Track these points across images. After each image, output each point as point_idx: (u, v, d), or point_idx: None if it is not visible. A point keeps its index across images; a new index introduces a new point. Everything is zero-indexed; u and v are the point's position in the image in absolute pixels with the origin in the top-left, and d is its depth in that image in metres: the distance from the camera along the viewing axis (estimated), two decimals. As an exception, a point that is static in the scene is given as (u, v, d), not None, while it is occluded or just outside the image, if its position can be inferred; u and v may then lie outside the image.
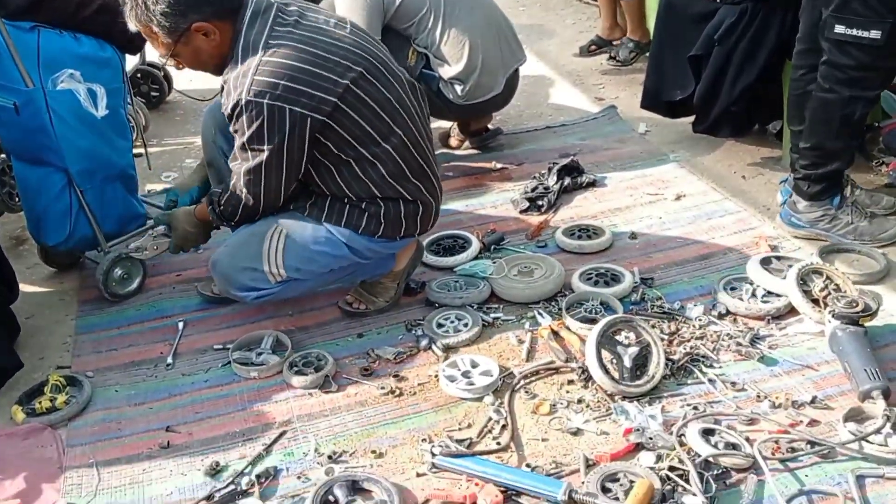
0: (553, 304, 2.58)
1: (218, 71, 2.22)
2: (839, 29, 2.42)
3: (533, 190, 3.26)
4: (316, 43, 2.14)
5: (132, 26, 2.15)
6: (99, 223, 2.71)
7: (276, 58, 2.09)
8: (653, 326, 2.34)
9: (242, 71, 2.10)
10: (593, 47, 4.79)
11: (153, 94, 4.39)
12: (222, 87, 2.19)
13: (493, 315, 2.55)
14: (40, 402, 2.28)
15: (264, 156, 2.17)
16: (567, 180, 3.31)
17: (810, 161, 2.68)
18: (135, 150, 2.86)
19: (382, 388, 2.27)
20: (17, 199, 3.01)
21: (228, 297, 2.53)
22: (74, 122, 2.50)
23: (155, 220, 2.68)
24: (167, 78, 4.42)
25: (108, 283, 2.73)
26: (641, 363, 2.19)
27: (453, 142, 3.80)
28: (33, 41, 2.46)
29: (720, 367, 2.23)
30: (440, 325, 2.50)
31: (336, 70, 2.14)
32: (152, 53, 3.49)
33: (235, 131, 2.17)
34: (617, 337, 2.25)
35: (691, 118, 3.55)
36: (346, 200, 2.33)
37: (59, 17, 2.49)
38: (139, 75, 4.32)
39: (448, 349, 2.41)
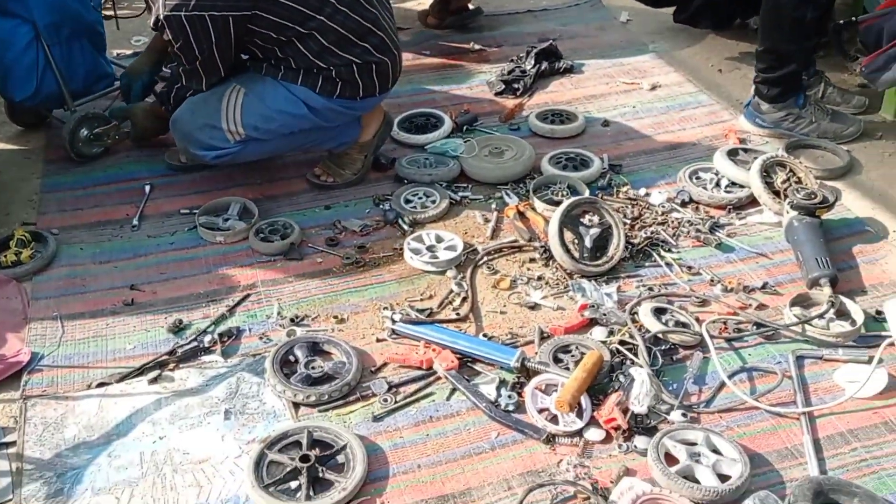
0: (521, 185, 2.58)
1: None
2: None
3: (509, 73, 3.22)
4: None
5: None
6: (66, 80, 2.65)
7: None
8: (617, 210, 2.35)
9: None
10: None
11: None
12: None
13: (461, 194, 2.56)
14: (6, 256, 2.27)
15: (198, 62, 2.18)
16: (544, 65, 3.26)
17: (767, 64, 2.66)
18: (104, 13, 2.79)
19: (347, 258, 2.29)
20: None
21: (191, 159, 2.51)
22: (42, -29, 2.42)
23: (112, 111, 2.67)
24: None
25: (74, 142, 2.69)
26: (602, 244, 2.22)
27: (432, 20, 3.71)
28: None
29: (678, 253, 2.26)
30: (408, 201, 2.50)
31: None
32: None
33: (167, 41, 2.15)
34: (581, 219, 2.26)
35: (673, 8, 3.47)
36: (296, 67, 2.31)
37: None
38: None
39: (415, 224, 2.42)
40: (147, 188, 2.61)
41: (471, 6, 3.69)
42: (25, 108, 2.77)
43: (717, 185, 2.48)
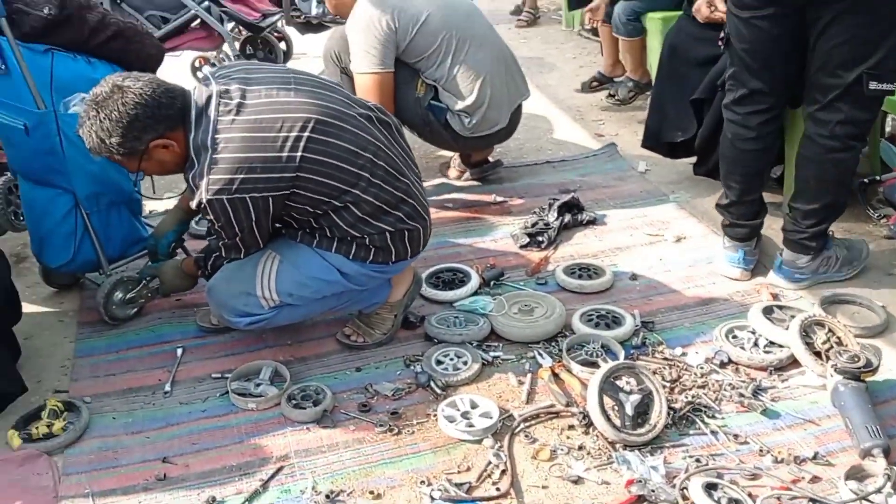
0: (553, 344, 2.54)
1: (182, 170, 2.25)
2: (873, 85, 2.40)
3: (533, 225, 3.24)
4: (262, 122, 2.14)
5: (94, 156, 2.19)
6: (103, 246, 2.69)
7: (226, 153, 2.11)
8: (654, 373, 2.30)
9: (199, 171, 2.13)
10: (595, 83, 4.79)
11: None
12: (187, 182, 2.21)
13: (492, 354, 2.51)
14: (37, 428, 2.23)
15: (238, 238, 2.24)
16: (567, 217, 3.29)
17: (819, 218, 2.64)
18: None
19: (380, 425, 2.23)
20: (21, 219, 2.99)
21: (225, 325, 2.52)
22: (84, 145, 2.46)
23: (142, 271, 2.70)
24: (285, 40, 4.44)
25: (108, 306, 2.70)
26: (643, 411, 2.16)
27: (453, 172, 3.78)
28: (47, 64, 2.44)
29: (723, 419, 2.19)
30: (439, 362, 2.46)
31: (286, 144, 2.14)
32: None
33: (207, 220, 2.20)
34: (619, 383, 2.21)
35: (692, 159, 3.53)
36: (331, 236, 2.34)
37: (74, 42, 2.48)
38: (249, 45, 4.38)
39: (447, 387, 2.37)
40: (179, 351, 2.60)
41: (490, 158, 3.76)
42: (61, 272, 2.81)
43: (756, 344, 2.43)
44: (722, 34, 2.72)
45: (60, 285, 2.95)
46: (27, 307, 2.79)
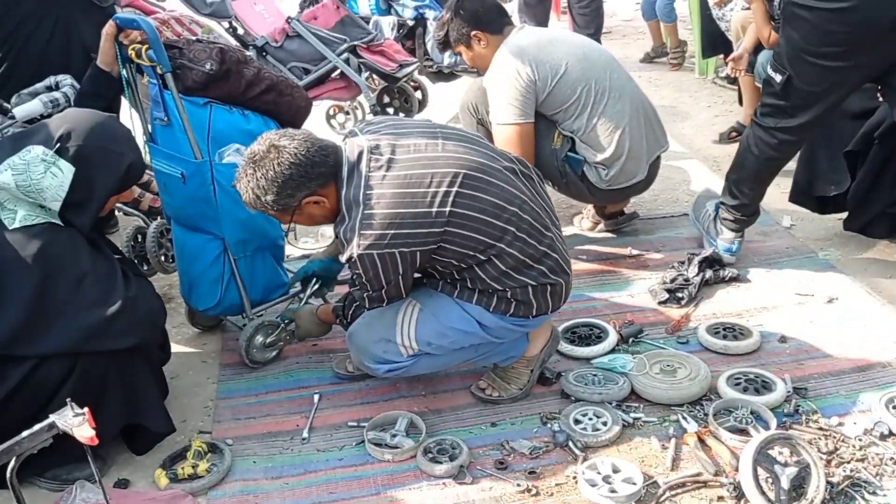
0: (698, 408, 2.46)
1: (331, 222, 2.31)
2: None
3: (672, 281, 3.16)
4: (412, 178, 2.18)
5: (250, 209, 2.27)
6: (247, 291, 2.78)
7: (377, 209, 2.15)
8: (809, 443, 2.18)
9: (350, 226, 2.17)
10: (734, 133, 4.66)
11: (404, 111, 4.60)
12: (337, 236, 2.26)
13: (633, 415, 2.45)
14: (182, 468, 2.30)
15: (383, 291, 2.27)
16: (708, 273, 3.19)
17: None
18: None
19: (518, 485, 2.20)
20: (171, 262, 3.10)
21: (362, 370, 2.56)
22: (236, 194, 2.56)
23: (281, 315, 2.77)
24: (420, 88, 4.64)
25: (249, 349, 2.78)
26: (799, 484, 2.04)
27: (586, 223, 3.74)
28: (205, 116, 2.56)
29: (884, 495, 2.06)
30: (577, 422, 2.42)
31: (436, 199, 2.18)
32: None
33: (355, 273, 2.23)
34: (772, 453, 2.10)
35: (841, 215, 3.38)
36: (473, 287, 2.35)
37: (230, 95, 2.59)
38: (386, 94, 4.55)
39: (586, 448, 2.33)
40: (316, 398, 2.65)
41: (626, 210, 3.70)
42: (206, 315, 2.91)
43: (922, 417, 2.26)
44: (879, 87, 2.62)
45: (204, 326, 3.05)
46: (173, 347, 2.89)
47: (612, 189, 3.35)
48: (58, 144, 2.15)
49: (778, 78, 2.82)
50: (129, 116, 2.78)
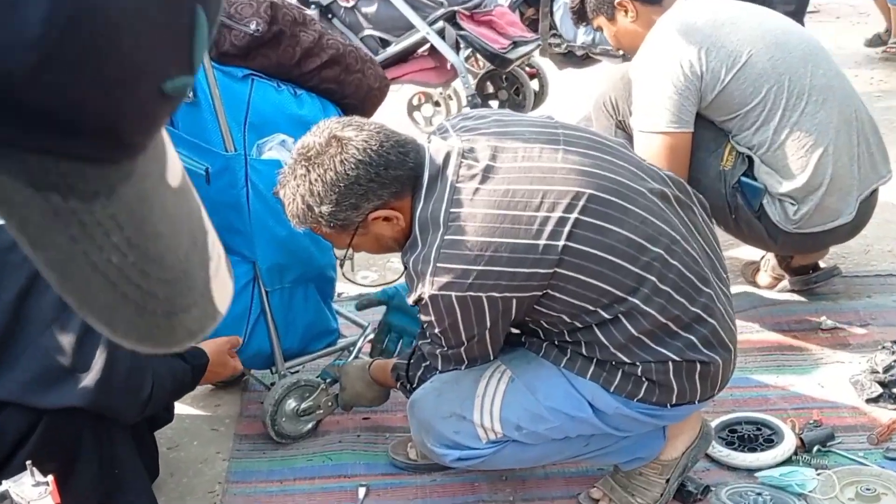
0: (909, 556, 2.36)
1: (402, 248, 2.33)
2: None
3: (885, 370, 3.07)
4: (515, 195, 2.19)
5: (296, 226, 2.31)
6: (280, 336, 2.82)
7: (463, 234, 2.16)
8: None
9: (423, 254, 2.19)
10: None
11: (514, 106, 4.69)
12: (405, 267, 2.30)
13: (814, 557, 2.39)
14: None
15: (462, 348, 2.30)
16: (939, 362, 3.09)
17: None
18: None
19: None
20: None
21: (424, 456, 2.59)
22: (276, 202, 2.57)
23: (322, 373, 2.81)
24: (538, 77, 4.68)
25: (276, 417, 2.81)
26: None
27: (764, 279, 3.71)
28: (244, 93, 2.64)
29: None
30: (733, 560, 2.37)
31: (545, 227, 2.18)
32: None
33: (425, 321, 2.27)
34: None
35: None
36: (589, 355, 2.35)
37: (280, 66, 2.67)
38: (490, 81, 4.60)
39: None
40: (361, 491, 2.67)
41: (822, 264, 3.65)
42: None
43: None
44: None
45: (220, 381, 3.04)
46: (176, 406, 2.89)
47: (803, 233, 3.28)
48: None
49: None
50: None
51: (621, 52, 3.60)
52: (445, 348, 2.32)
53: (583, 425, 2.39)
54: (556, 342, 2.38)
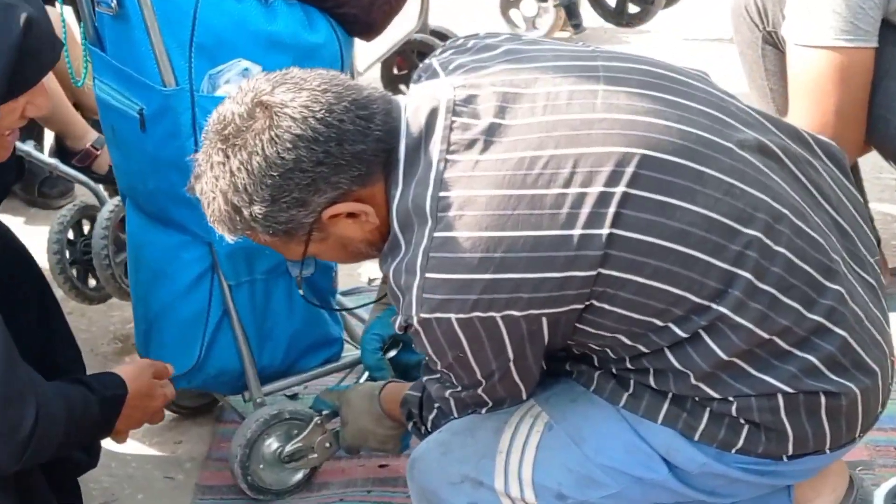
0: None
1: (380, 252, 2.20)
2: None
3: None
4: (532, 166, 1.97)
5: (225, 236, 2.13)
6: (253, 347, 2.67)
7: (458, 230, 1.95)
8: None
9: (407, 262, 1.98)
10: None
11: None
12: (386, 278, 2.14)
13: None
14: None
15: (481, 388, 2.13)
16: None
17: None
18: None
19: None
20: (125, 282, 3.07)
21: None
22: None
23: (315, 401, 2.67)
24: None
25: (250, 464, 2.63)
26: None
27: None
28: (189, 5, 2.44)
29: None
30: None
31: (580, 210, 1.94)
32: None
33: (425, 356, 2.14)
34: None
35: None
36: (660, 388, 2.15)
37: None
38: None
39: None
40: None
41: None
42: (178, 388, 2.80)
43: None
44: None
45: (181, 408, 2.99)
46: (117, 447, 2.77)
47: None
48: None
49: None
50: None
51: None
52: (458, 388, 2.13)
53: (657, 491, 2.19)
54: (613, 371, 2.16)
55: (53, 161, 3.45)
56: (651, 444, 2.12)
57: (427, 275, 1.92)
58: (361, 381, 2.72)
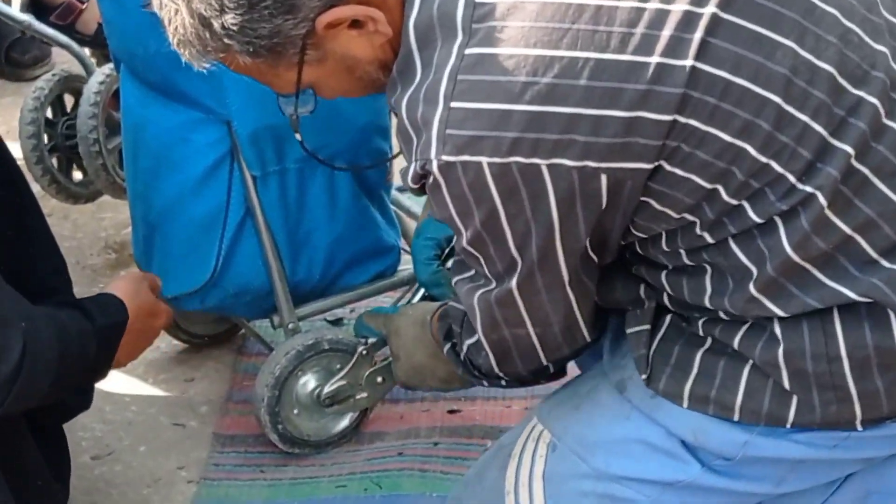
0: None
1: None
2: None
3: None
4: None
5: (193, 63, 1.96)
6: (284, 259, 2.60)
7: (498, 46, 1.77)
8: None
9: (427, 87, 1.82)
10: None
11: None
12: (392, 112, 2.03)
13: None
14: None
15: (514, 278, 1.94)
16: None
17: None
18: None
19: None
20: (119, 175, 3.06)
21: None
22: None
23: (357, 327, 2.62)
24: None
25: (281, 409, 2.58)
26: None
27: None
28: None
29: None
30: None
31: (658, 32, 1.75)
32: None
33: (441, 219, 1.98)
34: None
35: None
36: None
37: None
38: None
39: None
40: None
41: None
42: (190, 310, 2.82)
43: None
44: None
45: (192, 336, 2.97)
46: (122, 379, 2.81)
47: None
48: None
49: None
50: None
51: None
52: (489, 285, 1.97)
53: (699, 495, 2.08)
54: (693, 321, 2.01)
55: (26, 17, 3.36)
56: (674, 431, 2.00)
57: (453, 104, 1.75)
58: (416, 300, 2.63)
